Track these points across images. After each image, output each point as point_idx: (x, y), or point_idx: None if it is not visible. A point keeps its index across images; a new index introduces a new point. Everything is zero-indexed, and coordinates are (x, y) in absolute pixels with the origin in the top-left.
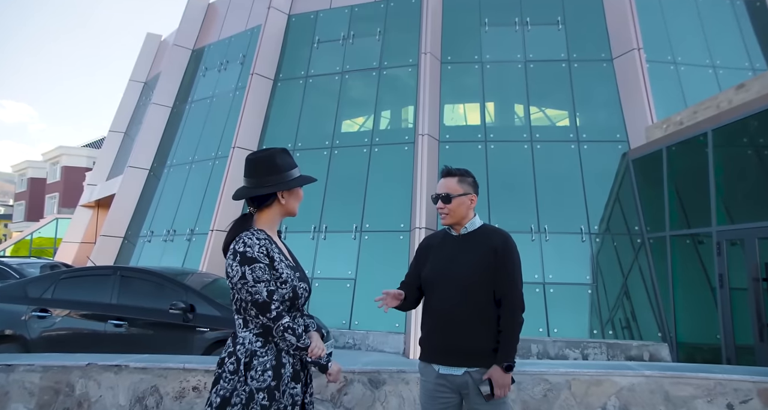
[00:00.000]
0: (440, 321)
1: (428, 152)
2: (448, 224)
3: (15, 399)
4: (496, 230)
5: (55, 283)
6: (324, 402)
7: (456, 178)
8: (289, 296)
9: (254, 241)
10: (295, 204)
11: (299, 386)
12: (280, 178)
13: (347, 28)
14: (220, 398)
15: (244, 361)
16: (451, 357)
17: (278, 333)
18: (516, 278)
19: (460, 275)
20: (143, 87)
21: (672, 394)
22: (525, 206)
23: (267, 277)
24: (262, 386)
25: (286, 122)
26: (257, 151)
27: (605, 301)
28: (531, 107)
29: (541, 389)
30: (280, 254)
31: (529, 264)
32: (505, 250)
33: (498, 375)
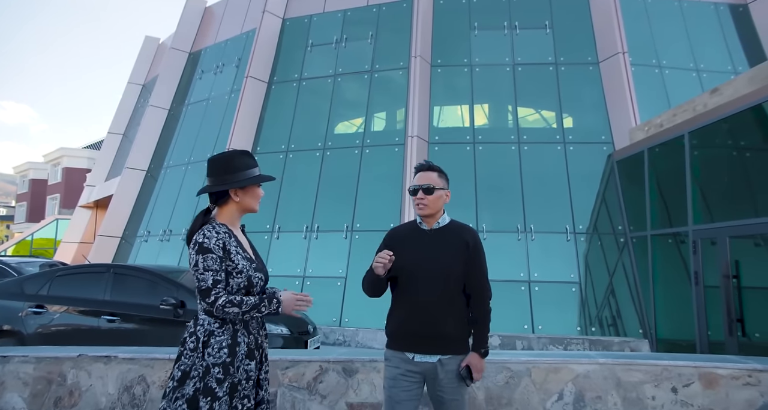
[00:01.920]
0: (417, 310)
1: (417, 153)
2: (424, 215)
3: (10, 389)
4: (464, 225)
5: (50, 280)
6: (300, 389)
7: (436, 172)
8: (244, 285)
9: (213, 234)
10: (251, 201)
11: (253, 363)
12: (234, 177)
13: (340, 32)
14: (181, 372)
15: (203, 340)
16: (427, 345)
17: (220, 313)
18: (486, 271)
19: (440, 268)
20: (141, 89)
21: (623, 380)
22: (512, 207)
23: (216, 267)
24: (218, 361)
25: (280, 123)
26: (219, 153)
27: (589, 299)
28: (519, 109)
29: (504, 376)
30: (237, 247)
31: (515, 263)
32: (476, 245)
33: (476, 360)
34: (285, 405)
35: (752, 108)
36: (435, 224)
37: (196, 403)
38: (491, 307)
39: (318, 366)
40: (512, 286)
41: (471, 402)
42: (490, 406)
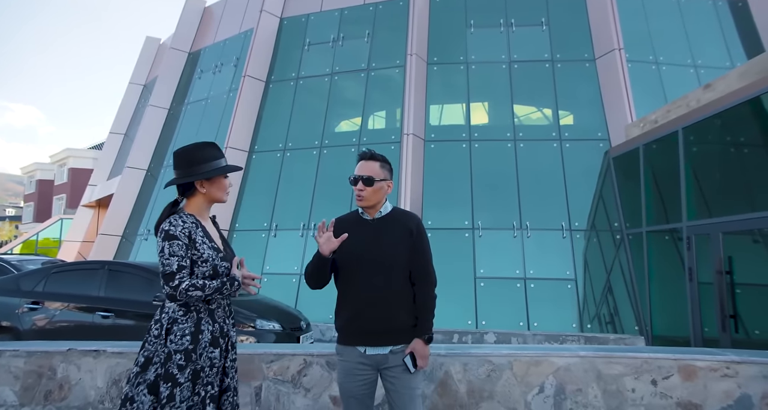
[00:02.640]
0: (364, 303)
1: (413, 151)
2: (363, 206)
3: (1, 383)
4: (406, 212)
5: (46, 277)
6: (285, 383)
7: (378, 162)
8: (209, 274)
9: (179, 222)
10: (217, 192)
11: (217, 351)
12: (200, 168)
13: (337, 31)
14: (144, 358)
15: (166, 327)
16: (378, 337)
17: (183, 297)
18: (430, 257)
19: (383, 257)
20: (143, 90)
21: (604, 372)
22: (507, 204)
23: (182, 253)
24: (180, 348)
25: (278, 122)
26: (184, 146)
27: (585, 296)
28: (515, 106)
29: (485, 369)
30: (204, 236)
31: (510, 260)
32: (419, 231)
33: (420, 347)
34: (270, 398)
35: (744, 103)
36: (377, 214)
37: (156, 388)
38: (437, 294)
39: (302, 359)
40: (508, 283)
41: (453, 395)
42: (471, 399)
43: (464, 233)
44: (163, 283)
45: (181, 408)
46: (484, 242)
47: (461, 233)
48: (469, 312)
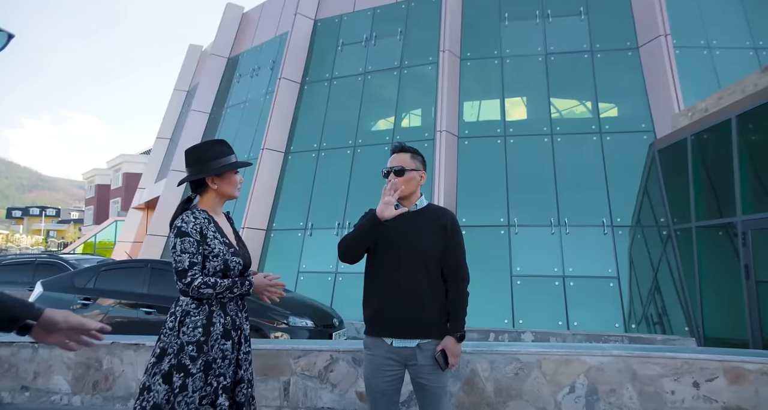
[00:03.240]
0: (395, 294)
1: (446, 148)
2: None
3: (56, 372)
4: (442, 208)
5: (96, 274)
6: (312, 378)
7: (409, 154)
8: (220, 268)
9: (191, 219)
10: (228, 188)
11: (229, 343)
12: (210, 165)
13: (370, 30)
14: (159, 349)
15: (179, 319)
16: (406, 329)
17: (195, 293)
18: (463, 254)
19: (416, 250)
20: (186, 95)
21: (639, 373)
22: (544, 200)
23: (193, 250)
24: (192, 340)
25: (312, 123)
26: (195, 144)
27: (629, 294)
28: (552, 99)
29: (513, 368)
30: (216, 232)
31: (548, 258)
32: (454, 227)
33: (452, 344)
34: (298, 393)
35: None
36: (412, 207)
37: (170, 378)
38: (469, 291)
39: (329, 355)
40: (545, 281)
41: (479, 393)
42: (499, 398)
43: (500, 230)
44: (177, 279)
45: (194, 397)
46: (521, 239)
47: (496, 230)
48: (506, 311)
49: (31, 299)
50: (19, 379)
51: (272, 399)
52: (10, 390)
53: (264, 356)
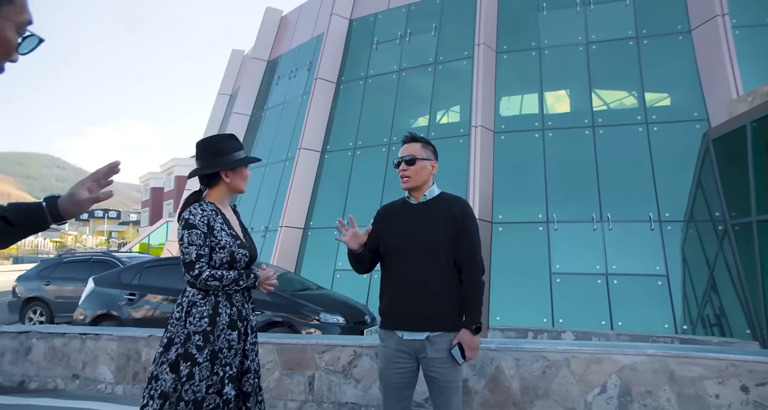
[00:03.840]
0: (404, 287)
1: (482, 143)
2: (408, 187)
3: (101, 362)
4: (455, 197)
5: (140, 271)
6: (336, 373)
7: (420, 143)
8: (226, 260)
9: (198, 211)
10: (239, 182)
11: (235, 333)
12: (223, 160)
13: (404, 27)
14: (167, 339)
15: (186, 309)
16: (415, 322)
17: (202, 285)
18: (476, 243)
19: (424, 242)
20: (229, 99)
21: (678, 374)
22: (586, 195)
23: (200, 242)
24: (198, 330)
25: (348, 121)
26: (207, 137)
27: (681, 294)
28: (594, 90)
29: (540, 366)
30: (223, 224)
31: (589, 255)
32: (465, 216)
33: (468, 337)
34: (322, 387)
35: None
36: (422, 198)
37: (177, 367)
38: (483, 281)
39: (352, 350)
40: (587, 279)
41: (505, 391)
42: (525, 397)
43: (538, 226)
44: (184, 271)
45: (201, 386)
46: (560, 236)
47: (534, 226)
48: (545, 310)
49: (84, 294)
50: (71, 368)
51: (297, 393)
52: (63, 378)
53: (289, 350)
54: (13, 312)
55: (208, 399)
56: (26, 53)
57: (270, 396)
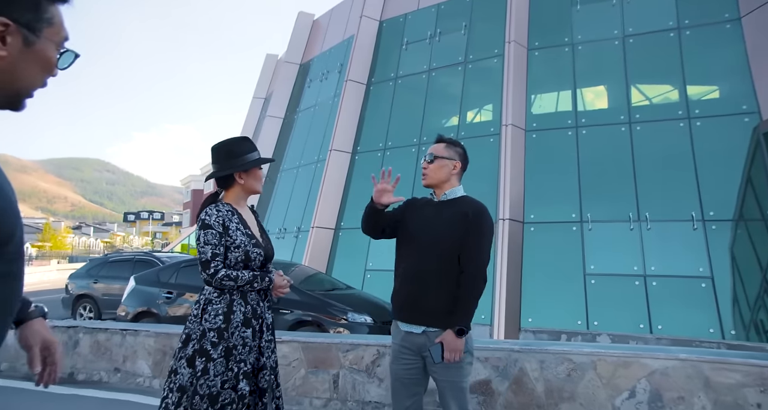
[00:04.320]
0: (408, 279)
1: (512, 142)
2: (427, 184)
3: (140, 357)
4: (473, 200)
5: (177, 270)
6: (360, 372)
7: (444, 143)
8: (241, 259)
9: (214, 212)
10: (253, 183)
11: (249, 331)
12: (237, 161)
13: (434, 27)
14: (185, 335)
15: (202, 307)
16: (412, 313)
17: (218, 284)
18: (483, 246)
19: (432, 237)
20: (264, 102)
21: (714, 380)
22: (622, 194)
23: (215, 242)
24: (213, 327)
25: (378, 122)
26: (221, 140)
27: (730, 297)
28: (630, 85)
29: (565, 368)
30: (239, 224)
31: (626, 255)
32: (477, 217)
33: (450, 338)
34: (346, 386)
35: None
36: (443, 196)
37: (193, 362)
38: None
39: (375, 350)
40: (624, 280)
41: (529, 393)
42: (550, 399)
43: (571, 226)
44: (201, 270)
45: (215, 381)
46: (595, 236)
47: (568, 226)
48: (579, 312)
49: (126, 292)
50: (113, 361)
51: (323, 391)
52: (107, 371)
53: (315, 349)
54: (66, 307)
55: (223, 393)
56: (65, 68)
57: (296, 393)
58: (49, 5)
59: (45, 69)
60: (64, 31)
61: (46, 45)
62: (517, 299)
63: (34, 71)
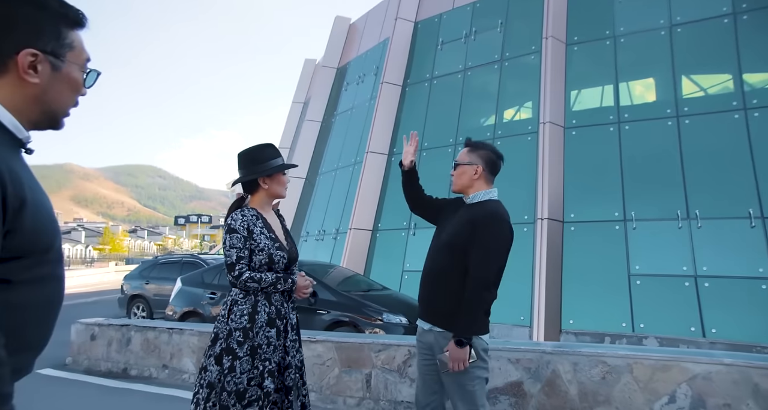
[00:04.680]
0: (423, 277)
1: (550, 140)
2: (454, 191)
3: (185, 355)
4: (492, 207)
5: (220, 272)
6: (392, 372)
7: (467, 148)
8: (265, 262)
9: (239, 217)
10: (278, 188)
11: (274, 330)
12: (259, 167)
13: (469, 25)
14: (213, 334)
15: (229, 307)
16: (425, 310)
17: (242, 286)
18: (488, 254)
19: (445, 239)
20: (303, 107)
21: (764, 387)
22: (669, 191)
23: (240, 245)
24: (239, 326)
25: (414, 124)
26: (246, 148)
27: None
28: (678, 77)
29: (599, 371)
30: (263, 228)
31: (675, 255)
32: (485, 224)
33: (452, 348)
34: (378, 386)
35: None
36: (468, 199)
37: (221, 360)
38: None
39: (407, 350)
40: (672, 281)
41: (562, 396)
42: (584, 403)
43: (614, 225)
44: (227, 272)
45: (242, 378)
46: (639, 234)
47: (610, 225)
48: (623, 313)
49: (174, 292)
50: (161, 358)
51: (356, 390)
52: (156, 367)
53: (348, 349)
54: (122, 307)
55: (250, 390)
56: (90, 86)
57: (330, 392)
58: (68, 32)
59: (74, 89)
60: (85, 53)
61: (71, 68)
62: (557, 301)
63: (65, 92)
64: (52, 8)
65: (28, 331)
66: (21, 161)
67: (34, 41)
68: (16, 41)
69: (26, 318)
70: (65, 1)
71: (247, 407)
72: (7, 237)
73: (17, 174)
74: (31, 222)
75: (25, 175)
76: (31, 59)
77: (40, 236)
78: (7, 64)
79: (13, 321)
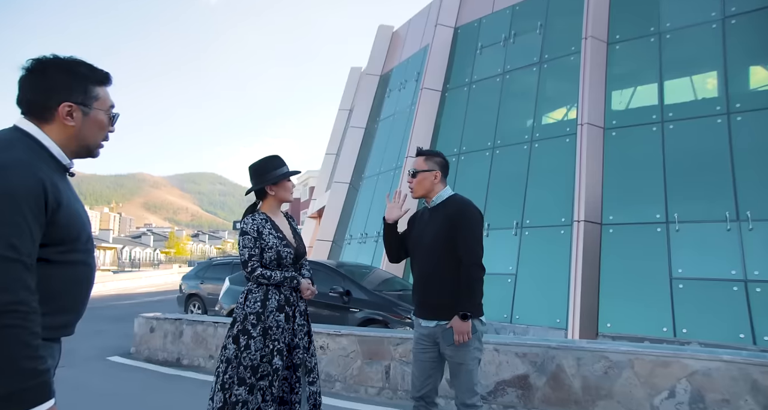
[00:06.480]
0: (418, 281)
1: (588, 141)
2: (415, 197)
3: None
4: (458, 199)
5: None
6: (408, 364)
7: (423, 156)
8: (274, 257)
9: (250, 221)
10: (283, 193)
11: (283, 315)
12: (266, 177)
13: (508, 29)
14: (232, 318)
15: (245, 296)
16: (427, 311)
17: (254, 280)
18: (473, 238)
19: (428, 240)
20: (348, 114)
21: (762, 384)
22: (716, 191)
23: (251, 245)
24: (252, 311)
25: (453, 128)
26: (255, 161)
27: None
28: (729, 72)
29: (602, 366)
30: (271, 229)
31: (722, 258)
32: (460, 215)
33: (457, 323)
34: (396, 376)
35: None
36: (431, 202)
37: (238, 339)
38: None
39: None
40: (719, 286)
41: (566, 389)
42: (587, 396)
43: (656, 227)
44: (242, 268)
45: (256, 355)
46: (683, 237)
47: (652, 227)
48: (665, 318)
49: (222, 291)
50: (208, 349)
51: (376, 380)
52: (204, 357)
53: (369, 342)
54: (180, 305)
55: (262, 366)
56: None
57: (354, 382)
58: (94, 87)
59: (101, 129)
60: (109, 101)
61: (97, 113)
62: (594, 304)
63: (95, 132)
64: (81, 74)
65: (63, 298)
66: (65, 180)
67: (68, 97)
68: (57, 99)
69: (61, 289)
70: (94, 66)
71: (259, 380)
72: (48, 228)
73: (56, 186)
74: (66, 219)
75: (64, 188)
76: (67, 109)
77: (70, 229)
78: (54, 114)
79: (52, 289)
